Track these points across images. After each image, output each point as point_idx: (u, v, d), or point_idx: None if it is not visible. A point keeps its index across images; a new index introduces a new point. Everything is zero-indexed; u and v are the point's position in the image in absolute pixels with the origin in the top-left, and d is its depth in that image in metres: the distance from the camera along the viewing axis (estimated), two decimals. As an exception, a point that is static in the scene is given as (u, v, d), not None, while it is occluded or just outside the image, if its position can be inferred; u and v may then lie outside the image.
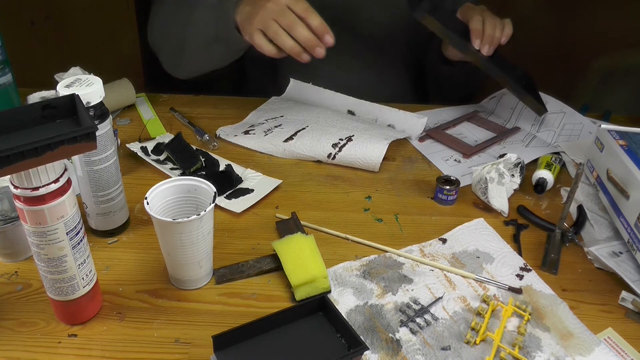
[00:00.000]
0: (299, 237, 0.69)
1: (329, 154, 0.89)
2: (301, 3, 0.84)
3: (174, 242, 0.62)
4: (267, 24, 0.83)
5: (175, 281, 0.67)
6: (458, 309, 0.64)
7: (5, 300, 0.64)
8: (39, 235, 0.54)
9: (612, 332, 0.63)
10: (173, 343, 0.60)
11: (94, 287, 0.61)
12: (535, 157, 0.90)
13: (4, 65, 0.87)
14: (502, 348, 0.59)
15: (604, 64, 1.78)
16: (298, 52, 0.84)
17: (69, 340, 0.60)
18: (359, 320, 0.62)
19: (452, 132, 1.00)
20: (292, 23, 0.83)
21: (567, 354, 0.59)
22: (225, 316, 0.63)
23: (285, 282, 0.66)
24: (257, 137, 0.93)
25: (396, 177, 0.88)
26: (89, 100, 0.64)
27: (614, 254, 0.72)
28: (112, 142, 0.68)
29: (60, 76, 0.97)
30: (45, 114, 0.53)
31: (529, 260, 0.72)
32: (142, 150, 0.89)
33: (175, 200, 0.66)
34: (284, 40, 0.83)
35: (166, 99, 1.08)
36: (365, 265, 0.70)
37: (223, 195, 0.81)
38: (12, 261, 0.69)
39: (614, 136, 0.80)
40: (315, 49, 0.84)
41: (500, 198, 0.80)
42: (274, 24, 0.83)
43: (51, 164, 0.51)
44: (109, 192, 0.70)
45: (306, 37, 0.83)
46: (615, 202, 0.75)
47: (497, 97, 1.09)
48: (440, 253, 0.72)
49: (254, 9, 0.85)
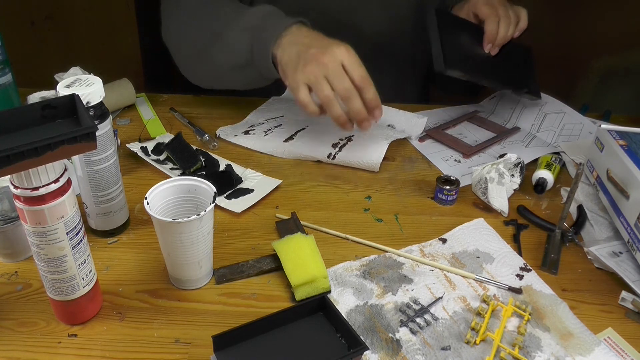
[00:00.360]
0: (299, 237, 0.69)
1: (328, 154, 0.89)
2: (358, 68, 0.76)
3: (174, 242, 0.62)
4: (319, 83, 0.75)
5: (175, 281, 0.67)
6: (458, 309, 0.64)
7: (5, 300, 0.64)
8: (39, 235, 0.54)
9: (612, 332, 0.63)
10: (173, 343, 0.60)
11: (94, 287, 0.61)
12: (535, 157, 0.90)
13: (4, 65, 0.87)
14: (502, 348, 0.59)
15: (604, 64, 1.78)
16: (344, 122, 0.78)
17: (69, 340, 0.60)
18: (359, 320, 0.62)
19: (452, 132, 1.00)
20: (348, 93, 0.75)
21: (567, 354, 0.59)
22: (225, 316, 0.63)
23: (285, 282, 0.66)
24: (257, 137, 0.93)
25: (396, 177, 0.88)
26: (89, 100, 0.64)
27: (614, 254, 0.72)
28: (112, 142, 0.68)
29: (60, 76, 0.97)
30: (45, 114, 0.53)
31: (529, 260, 0.72)
32: (142, 150, 0.89)
33: (175, 200, 0.66)
34: (334, 109, 0.77)
35: (166, 99, 1.08)
36: (365, 265, 0.70)
37: (223, 195, 0.81)
38: (12, 261, 0.69)
39: (614, 136, 0.80)
40: (364, 122, 0.78)
41: (500, 198, 0.80)
42: (326, 85, 0.75)
43: (51, 164, 0.51)
44: (109, 192, 0.70)
45: (359, 109, 0.76)
46: (615, 202, 0.75)
47: (497, 97, 1.09)
48: (440, 253, 0.72)
49: (304, 55, 0.77)
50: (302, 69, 0.76)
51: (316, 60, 0.75)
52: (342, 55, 0.76)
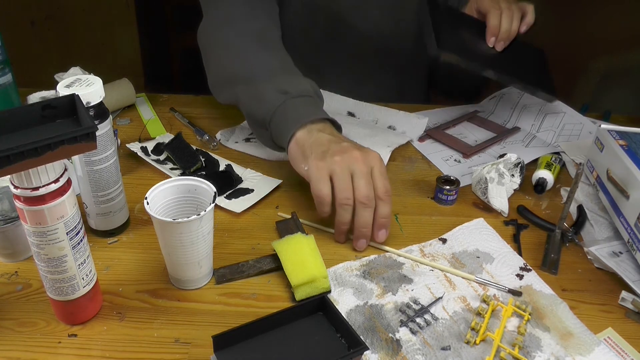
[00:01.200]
0: (299, 237, 0.69)
1: None
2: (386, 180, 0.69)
3: (174, 242, 0.62)
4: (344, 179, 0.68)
5: (175, 281, 0.67)
6: (458, 309, 0.64)
7: (5, 300, 0.64)
8: (39, 235, 0.54)
9: (612, 332, 0.63)
10: (173, 343, 0.60)
11: (94, 287, 0.61)
12: (535, 157, 0.90)
13: (4, 65, 0.87)
14: (502, 348, 0.59)
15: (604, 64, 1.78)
16: (345, 231, 0.71)
17: (69, 340, 0.60)
18: (359, 320, 0.62)
19: (452, 132, 1.00)
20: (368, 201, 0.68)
21: (567, 354, 0.59)
22: (225, 316, 0.63)
23: (285, 282, 0.66)
24: (259, 144, 0.92)
25: (396, 177, 0.88)
26: (89, 100, 0.64)
27: (614, 254, 0.72)
28: (112, 142, 0.68)
29: (60, 76, 0.97)
30: (45, 114, 0.53)
31: (529, 260, 0.72)
32: (142, 150, 0.89)
33: (175, 200, 0.66)
34: (346, 215, 0.69)
35: (166, 99, 1.08)
36: (365, 265, 0.70)
37: (223, 195, 0.81)
38: (12, 261, 0.69)
39: (614, 136, 0.80)
40: (360, 240, 0.71)
41: (500, 198, 0.80)
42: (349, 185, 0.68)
43: (51, 164, 0.51)
44: (109, 192, 0.70)
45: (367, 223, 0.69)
46: (615, 202, 0.75)
47: (497, 97, 1.09)
48: (440, 253, 0.72)
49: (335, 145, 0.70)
50: (330, 157, 0.69)
51: (349, 153, 0.69)
52: (375, 160, 0.70)
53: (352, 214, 0.70)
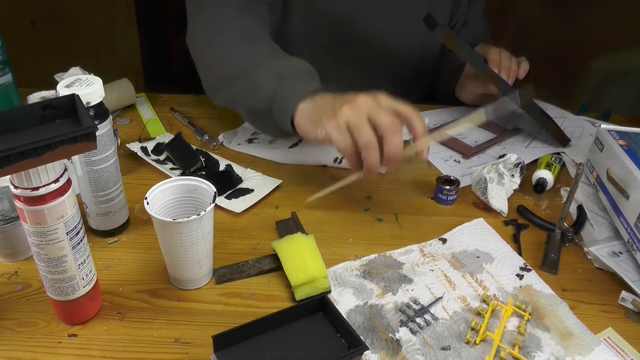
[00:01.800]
0: (299, 237, 0.69)
1: (335, 158, 0.89)
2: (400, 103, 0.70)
3: (174, 242, 0.62)
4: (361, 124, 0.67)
5: (175, 281, 0.67)
6: (458, 308, 0.64)
7: (5, 300, 0.64)
8: (39, 235, 0.54)
9: (612, 332, 0.63)
10: (173, 343, 0.60)
11: (94, 287, 0.61)
12: (535, 157, 0.90)
13: (4, 65, 0.87)
14: (502, 348, 0.59)
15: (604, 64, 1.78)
16: (376, 169, 0.69)
17: (69, 340, 0.60)
18: (359, 320, 0.62)
19: (452, 132, 1.00)
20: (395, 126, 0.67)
21: (567, 354, 0.59)
22: (225, 316, 0.63)
23: (285, 282, 0.66)
24: (262, 145, 0.93)
25: (396, 177, 0.88)
26: (89, 100, 0.64)
27: (614, 254, 0.72)
28: (112, 142, 0.68)
29: (60, 76, 0.97)
30: (45, 114, 0.53)
31: (529, 260, 0.72)
32: (142, 150, 0.89)
33: (175, 200, 0.66)
34: (374, 156, 0.68)
35: (166, 99, 1.08)
36: (365, 265, 0.70)
37: (223, 195, 0.81)
38: (12, 261, 0.69)
39: (614, 136, 0.80)
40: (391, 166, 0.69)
41: (500, 198, 0.80)
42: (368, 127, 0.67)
43: (51, 164, 0.51)
44: (109, 192, 0.70)
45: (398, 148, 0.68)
46: (615, 202, 0.75)
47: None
48: (440, 253, 0.72)
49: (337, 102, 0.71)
50: (340, 110, 0.68)
51: (355, 100, 0.69)
52: (381, 95, 0.70)
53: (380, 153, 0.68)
